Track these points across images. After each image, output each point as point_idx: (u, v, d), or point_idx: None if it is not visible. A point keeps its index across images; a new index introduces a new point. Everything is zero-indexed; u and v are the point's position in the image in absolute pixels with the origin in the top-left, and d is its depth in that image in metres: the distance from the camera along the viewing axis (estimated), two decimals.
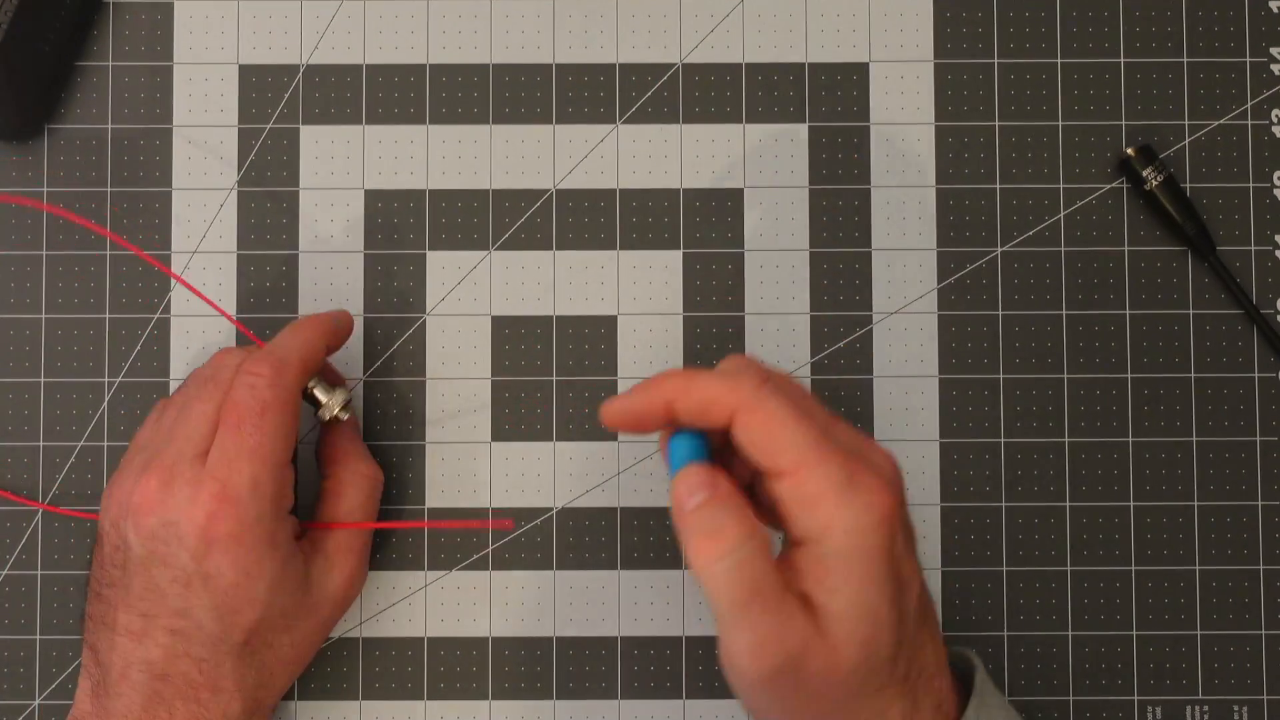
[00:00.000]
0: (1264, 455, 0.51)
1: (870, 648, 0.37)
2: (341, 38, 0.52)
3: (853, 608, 0.37)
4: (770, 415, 0.38)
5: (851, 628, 0.37)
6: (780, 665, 0.37)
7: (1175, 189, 0.51)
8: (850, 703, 0.38)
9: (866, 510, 0.37)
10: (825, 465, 0.37)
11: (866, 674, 0.38)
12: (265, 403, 0.44)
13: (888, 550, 0.37)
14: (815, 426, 0.38)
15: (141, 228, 0.52)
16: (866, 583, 0.37)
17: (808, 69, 0.52)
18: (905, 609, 0.38)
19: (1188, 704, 0.51)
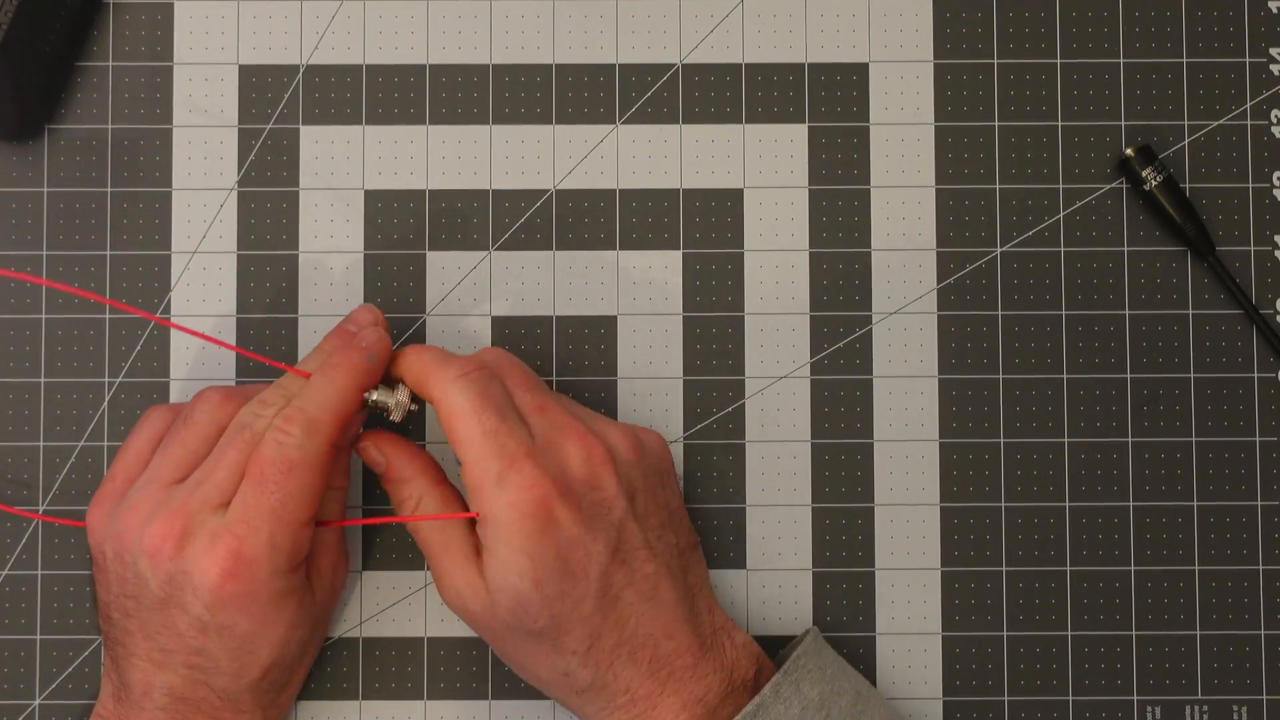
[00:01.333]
0: (1263, 455, 0.51)
1: (519, 616, 0.43)
2: (341, 38, 0.52)
3: (496, 578, 0.43)
4: (450, 408, 0.44)
5: (497, 597, 0.43)
6: (451, 600, 0.45)
7: (1175, 189, 0.51)
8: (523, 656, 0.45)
9: (510, 506, 0.42)
10: (482, 462, 0.43)
11: (525, 638, 0.44)
12: (292, 463, 0.43)
13: (539, 541, 0.42)
14: (495, 419, 0.43)
15: (142, 228, 0.52)
16: (507, 564, 0.42)
17: (807, 69, 0.52)
18: (570, 593, 0.43)
19: (1187, 704, 0.51)
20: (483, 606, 0.44)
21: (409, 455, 0.47)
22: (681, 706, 0.44)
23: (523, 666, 0.46)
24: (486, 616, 0.44)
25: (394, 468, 0.46)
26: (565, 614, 0.43)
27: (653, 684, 0.44)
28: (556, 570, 0.42)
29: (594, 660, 0.44)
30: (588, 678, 0.44)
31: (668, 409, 0.51)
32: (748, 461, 0.51)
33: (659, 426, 0.51)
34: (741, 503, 0.51)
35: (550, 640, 0.43)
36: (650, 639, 0.44)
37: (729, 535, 0.51)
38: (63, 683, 0.50)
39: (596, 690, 0.44)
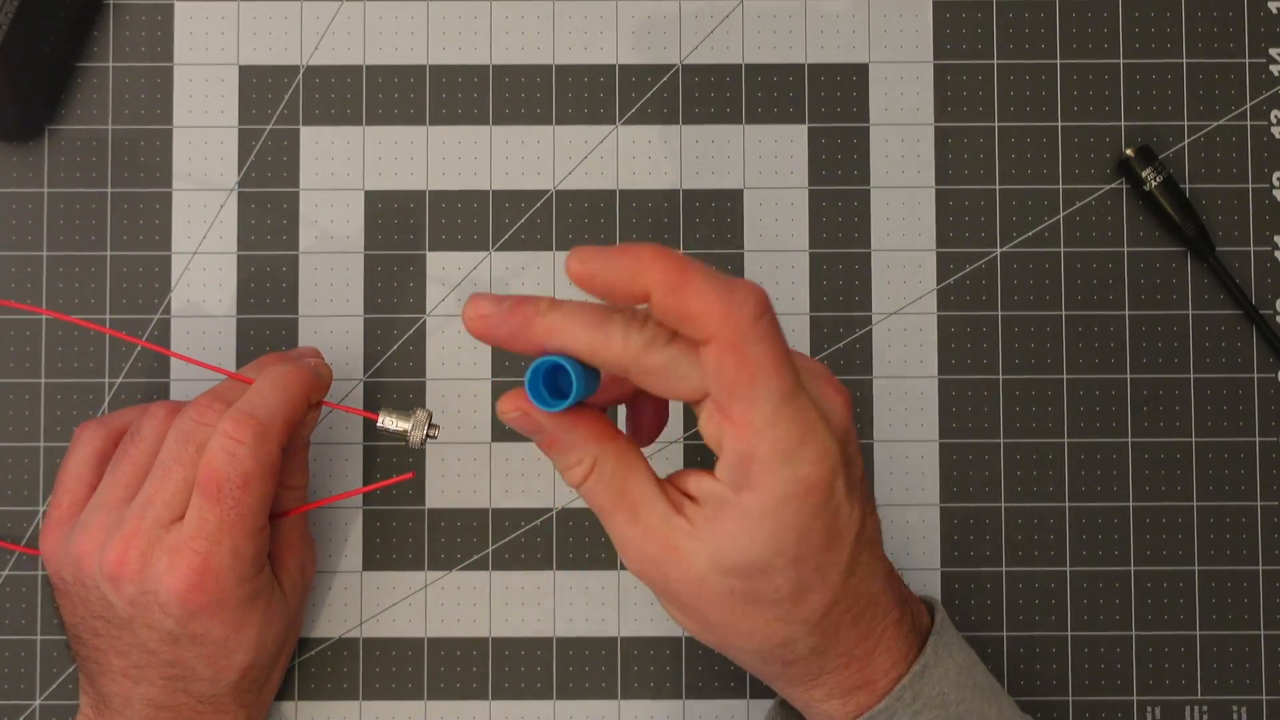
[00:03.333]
0: (1263, 455, 0.51)
1: (752, 583, 0.37)
2: (342, 39, 0.52)
3: (739, 555, 0.37)
4: (749, 360, 0.35)
5: (731, 569, 0.37)
6: (641, 568, 0.39)
7: (1174, 190, 0.51)
8: (738, 623, 0.39)
9: (795, 482, 0.36)
10: (774, 428, 0.36)
11: (750, 604, 0.38)
12: (247, 475, 0.42)
13: (808, 516, 0.37)
14: (789, 380, 0.36)
15: (142, 228, 0.52)
16: (763, 543, 0.37)
17: (807, 70, 0.52)
18: (824, 564, 0.38)
19: (1186, 704, 0.51)
20: (692, 574, 0.38)
21: (574, 414, 0.39)
22: (892, 664, 0.41)
23: (724, 635, 0.40)
24: (694, 584, 0.38)
25: (556, 431, 0.39)
26: (812, 583, 0.38)
27: (868, 644, 0.40)
28: (820, 544, 0.37)
29: (822, 627, 0.39)
30: (809, 645, 0.39)
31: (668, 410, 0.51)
32: None
33: None
34: None
35: (783, 608, 0.38)
36: (870, 597, 0.40)
37: None
38: (63, 683, 0.50)
39: (814, 656, 0.40)
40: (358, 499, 0.51)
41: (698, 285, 0.34)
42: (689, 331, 0.35)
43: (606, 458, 0.38)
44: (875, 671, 0.41)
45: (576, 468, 0.39)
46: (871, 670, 0.40)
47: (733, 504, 0.37)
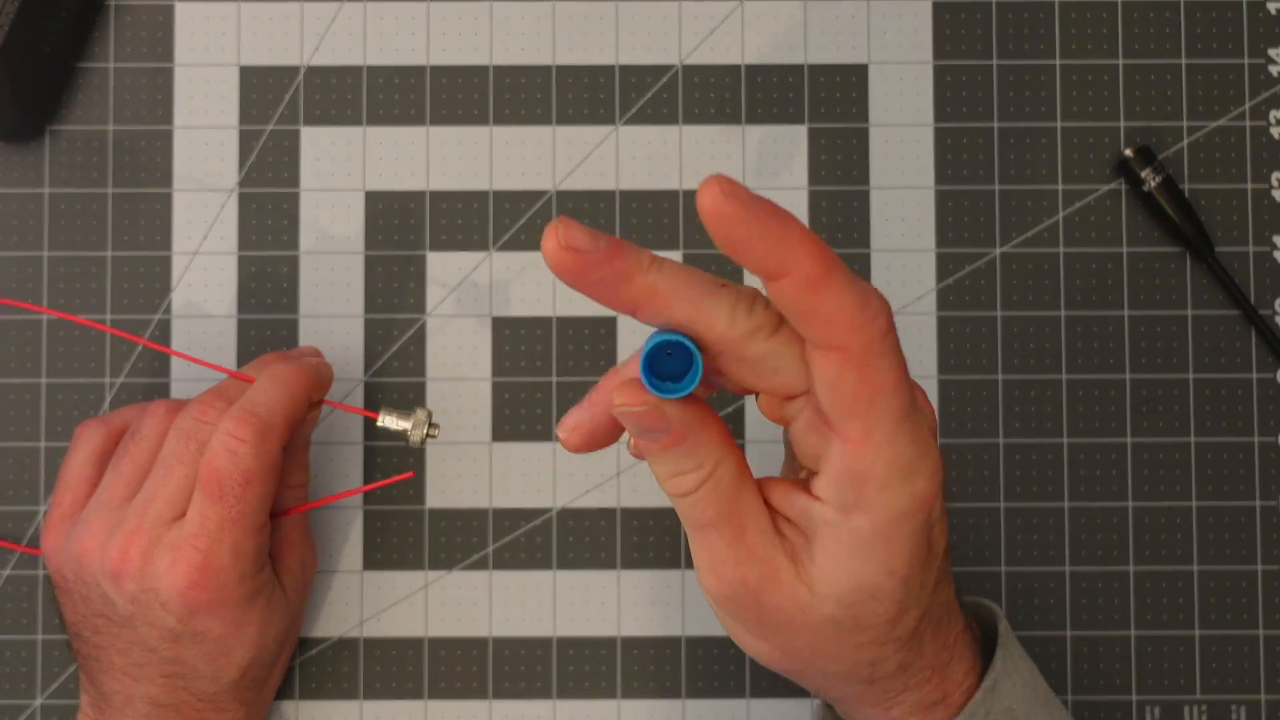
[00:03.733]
0: (1262, 455, 0.51)
1: (857, 612, 0.35)
2: (342, 39, 0.52)
3: (849, 580, 0.34)
4: (873, 376, 0.32)
5: (838, 594, 0.35)
6: (734, 592, 0.35)
7: (1174, 190, 0.51)
8: (829, 647, 0.36)
9: (910, 499, 0.33)
10: (893, 446, 0.33)
11: (849, 630, 0.36)
12: (248, 473, 0.42)
13: (917, 533, 0.34)
14: (908, 398, 0.33)
15: (143, 229, 0.52)
16: (873, 565, 0.34)
17: (807, 70, 0.53)
18: (925, 583, 0.36)
19: (1185, 704, 0.51)
20: (792, 601, 0.35)
21: (698, 412, 0.34)
22: (964, 674, 0.39)
23: (808, 660, 0.37)
24: (790, 611, 0.35)
25: (683, 429, 0.34)
26: (910, 602, 0.36)
27: (946, 654, 0.39)
28: (923, 560, 0.35)
29: (911, 643, 0.37)
30: (896, 662, 0.37)
31: None
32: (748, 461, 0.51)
33: None
34: None
35: (879, 630, 0.36)
36: (947, 605, 0.38)
37: None
38: (64, 683, 0.50)
39: (899, 673, 0.38)
40: (358, 499, 0.51)
41: (839, 288, 0.31)
42: (812, 332, 0.32)
43: (727, 466, 0.35)
44: (951, 684, 0.39)
45: (692, 474, 0.34)
46: (948, 683, 0.39)
47: (839, 527, 0.34)
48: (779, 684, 0.51)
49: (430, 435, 0.46)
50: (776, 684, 0.51)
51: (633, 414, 0.33)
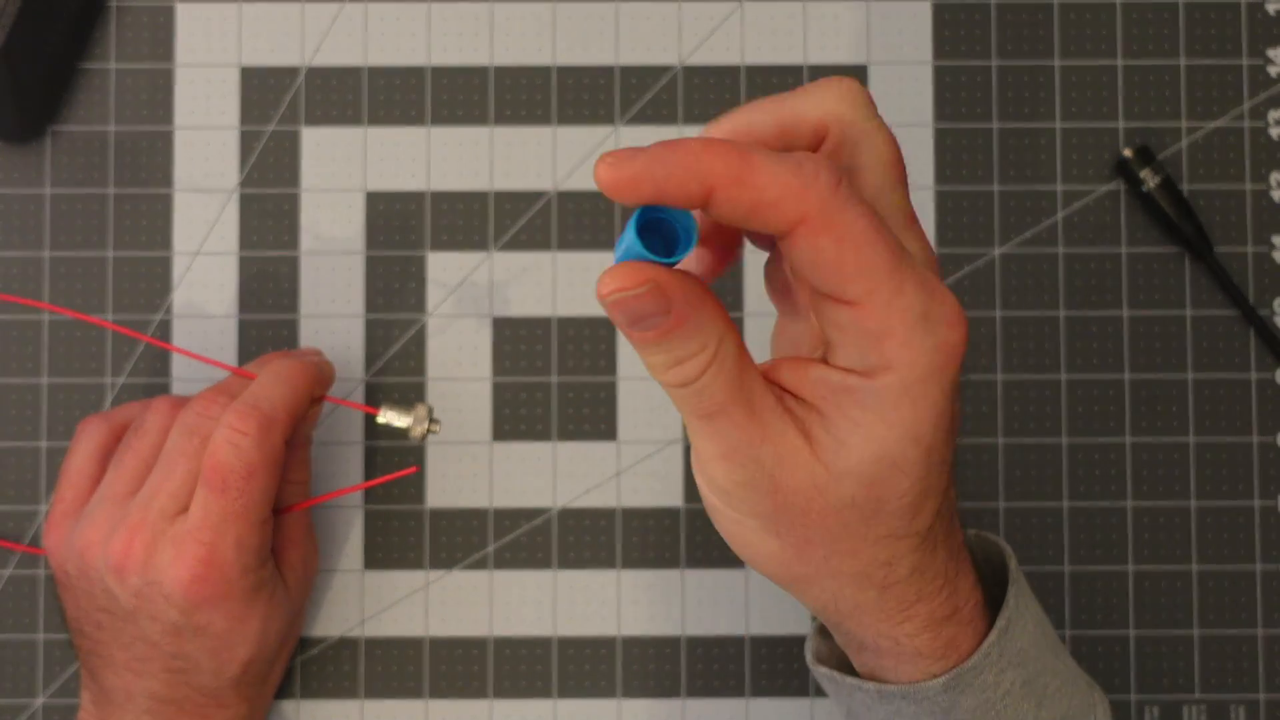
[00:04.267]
0: (1261, 455, 0.51)
1: (878, 491, 0.33)
2: (343, 40, 0.52)
3: (873, 449, 0.32)
4: (845, 232, 0.30)
5: (860, 468, 0.32)
6: (750, 478, 0.33)
7: (1173, 190, 0.51)
8: (844, 540, 0.34)
9: (935, 351, 0.31)
10: (902, 296, 0.31)
11: (868, 515, 0.33)
12: (251, 466, 0.42)
13: (945, 395, 0.32)
14: (894, 246, 0.31)
15: (144, 229, 0.52)
16: (899, 429, 0.32)
17: (807, 71, 0.53)
18: (946, 459, 0.34)
19: (1184, 703, 0.51)
20: (810, 481, 0.33)
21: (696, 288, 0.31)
22: (972, 586, 0.37)
23: (823, 558, 0.34)
24: (808, 494, 0.33)
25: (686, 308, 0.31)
26: (930, 487, 0.33)
27: (954, 563, 0.36)
28: (948, 431, 0.33)
29: (927, 542, 0.35)
30: (911, 563, 0.35)
31: (668, 409, 0.51)
32: None
33: (658, 429, 0.51)
34: None
35: (901, 520, 0.34)
36: (953, 509, 0.36)
37: None
38: (65, 683, 0.50)
39: (913, 578, 0.35)
40: (359, 497, 0.51)
41: (766, 169, 0.29)
42: (767, 222, 0.30)
43: (729, 343, 0.32)
44: (960, 597, 0.36)
45: (697, 357, 0.31)
46: (958, 596, 0.36)
47: (862, 391, 0.32)
48: (779, 684, 0.51)
49: (431, 430, 0.46)
50: (776, 684, 0.51)
51: (632, 297, 0.30)
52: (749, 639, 0.51)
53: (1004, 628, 0.37)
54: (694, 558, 0.51)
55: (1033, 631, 0.39)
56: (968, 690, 0.37)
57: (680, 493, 0.51)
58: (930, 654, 0.36)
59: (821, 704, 0.51)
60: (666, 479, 0.51)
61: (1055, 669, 0.40)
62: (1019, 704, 0.38)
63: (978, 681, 0.37)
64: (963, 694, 0.37)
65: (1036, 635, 0.39)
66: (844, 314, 0.31)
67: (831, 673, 0.39)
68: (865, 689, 0.38)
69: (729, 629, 0.51)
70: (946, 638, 0.36)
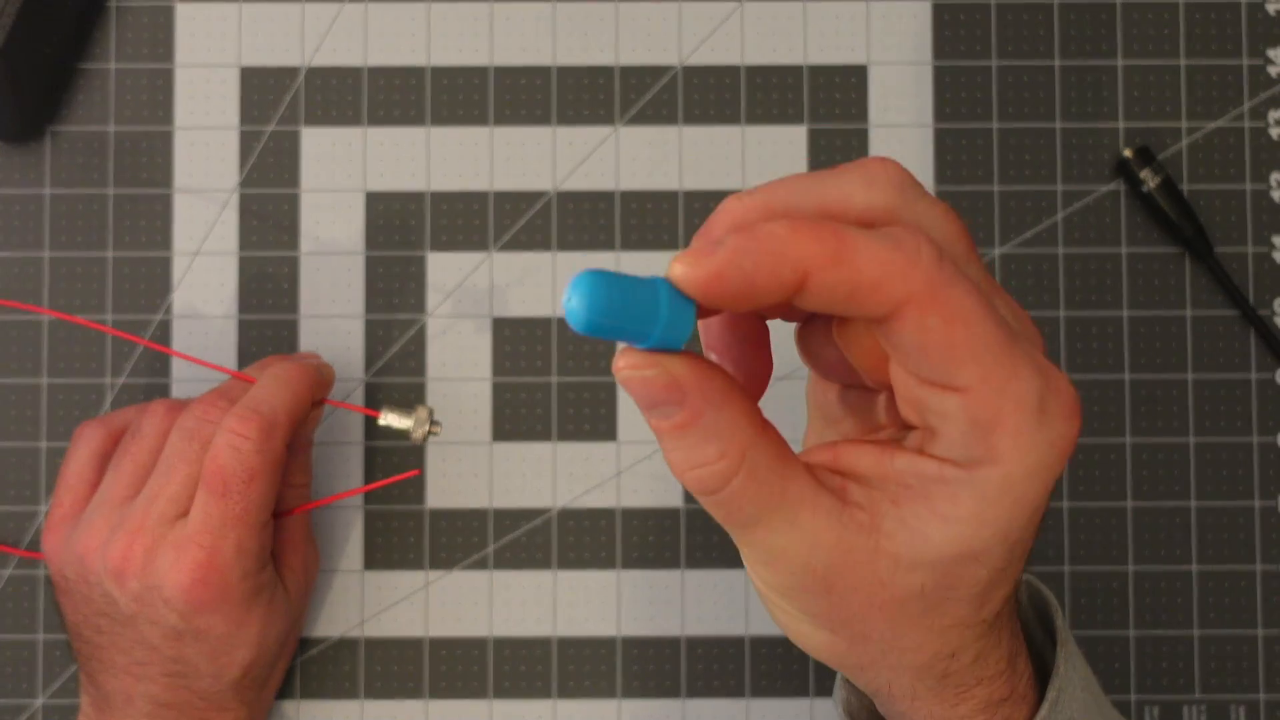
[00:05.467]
0: (1262, 455, 0.51)
1: (950, 583, 0.30)
2: (342, 40, 0.52)
3: (956, 544, 0.29)
4: (955, 311, 0.27)
5: (935, 562, 0.30)
6: (800, 582, 0.30)
7: (1173, 190, 0.51)
8: (908, 634, 0.31)
9: (1049, 447, 0.29)
10: (1017, 381, 0.28)
11: (935, 608, 0.31)
12: (252, 470, 0.42)
13: (1046, 492, 0.29)
14: (1003, 320, 0.28)
15: (143, 229, 0.52)
16: (992, 527, 0.29)
17: (807, 71, 0.53)
18: (1025, 550, 0.31)
19: (1185, 704, 0.51)
20: (871, 578, 0.30)
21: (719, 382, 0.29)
22: (1026, 661, 0.35)
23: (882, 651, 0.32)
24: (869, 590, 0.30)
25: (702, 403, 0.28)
26: (1007, 573, 0.31)
27: (1015, 641, 0.34)
28: (1036, 525, 0.31)
29: (991, 630, 0.32)
30: (974, 652, 0.32)
31: None
32: None
33: None
34: None
35: (969, 608, 0.31)
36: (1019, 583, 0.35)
37: (729, 536, 0.51)
38: (65, 683, 0.50)
39: (975, 665, 0.33)
40: (359, 498, 0.51)
41: (866, 247, 0.27)
42: (868, 305, 0.27)
43: (761, 450, 0.29)
44: (1017, 676, 0.34)
45: (718, 463, 0.29)
46: (1015, 675, 0.34)
47: (958, 484, 0.29)
48: (779, 684, 0.51)
49: (432, 433, 0.46)
50: (776, 684, 0.51)
51: (639, 380, 0.28)
52: (749, 639, 0.51)
53: (1054, 700, 0.35)
54: (694, 558, 0.51)
55: (1081, 696, 0.36)
56: None
57: (680, 493, 0.51)
58: None
59: (822, 704, 0.51)
60: (666, 479, 0.51)
61: None
62: None
63: None
64: None
65: (1085, 698, 0.36)
66: (950, 401, 0.28)
67: None
68: None
69: (729, 629, 0.51)
70: (1002, 717, 0.34)
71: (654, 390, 0.28)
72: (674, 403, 0.28)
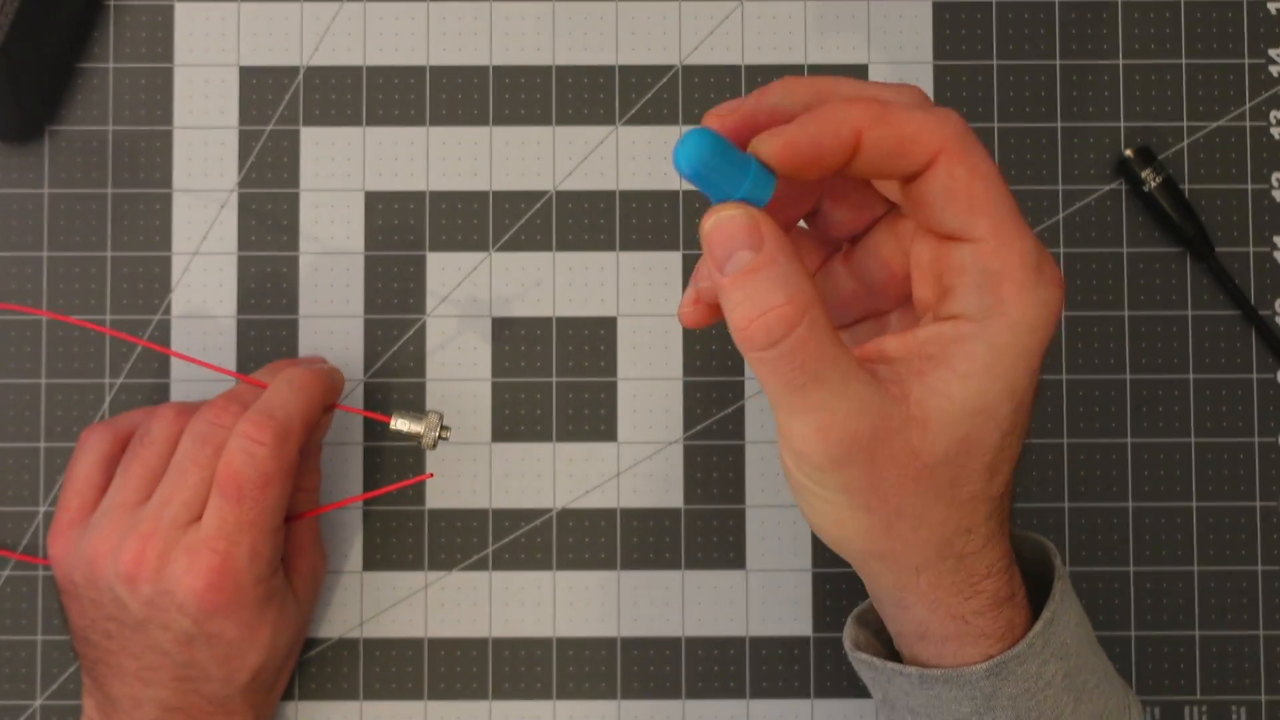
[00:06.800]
0: (1263, 456, 0.51)
1: (968, 446, 0.34)
2: (342, 40, 0.52)
3: (972, 399, 0.33)
4: (976, 167, 0.33)
5: (956, 418, 0.33)
6: (847, 452, 0.33)
7: (1174, 190, 0.51)
8: (934, 505, 0.35)
9: (1044, 305, 0.33)
10: (1023, 241, 0.33)
11: (957, 474, 0.34)
12: (267, 475, 0.42)
13: (1042, 350, 0.34)
14: (1011, 194, 0.33)
15: (142, 229, 0.52)
16: (1002, 380, 0.33)
17: (807, 71, 0.52)
18: (1023, 424, 0.35)
19: (1186, 704, 0.51)
20: (908, 448, 0.34)
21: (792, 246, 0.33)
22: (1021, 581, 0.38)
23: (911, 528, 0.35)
24: (905, 460, 0.34)
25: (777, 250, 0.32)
26: (1009, 449, 0.35)
27: (1010, 552, 0.38)
28: (1032, 392, 0.35)
29: (998, 513, 0.36)
30: (985, 533, 0.36)
31: (667, 409, 0.51)
32: (747, 462, 0.51)
33: (658, 429, 0.51)
34: (741, 503, 0.51)
35: (980, 480, 0.35)
36: (1013, 492, 0.38)
37: (729, 535, 0.51)
38: (64, 683, 0.50)
39: (987, 549, 0.36)
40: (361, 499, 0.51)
41: (903, 110, 0.33)
42: (910, 158, 0.33)
43: (820, 309, 0.32)
44: (1016, 583, 0.38)
45: (785, 306, 0.32)
46: (1014, 580, 0.38)
47: (974, 340, 0.33)
48: (779, 684, 0.51)
49: (442, 437, 0.46)
50: (776, 684, 0.51)
51: (728, 219, 0.32)
52: (749, 639, 0.51)
53: (1049, 619, 0.38)
54: (694, 558, 0.51)
55: (1074, 627, 0.39)
56: (1010, 678, 0.37)
57: (680, 493, 0.51)
58: (993, 635, 0.37)
59: (822, 705, 0.51)
60: (666, 479, 0.51)
61: (1094, 666, 0.40)
62: (1059, 696, 0.38)
63: (1020, 670, 0.37)
64: (1005, 681, 0.37)
65: (1078, 631, 0.39)
66: (966, 252, 0.33)
67: (871, 659, 0.40)
68: (907, 673, 0.38)
69: (729, 629, 0.51)
70: (1005, 620, 0.37)
71: (737, 231, 0.32)
72: (752, 246, 0.32)
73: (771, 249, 0.32)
